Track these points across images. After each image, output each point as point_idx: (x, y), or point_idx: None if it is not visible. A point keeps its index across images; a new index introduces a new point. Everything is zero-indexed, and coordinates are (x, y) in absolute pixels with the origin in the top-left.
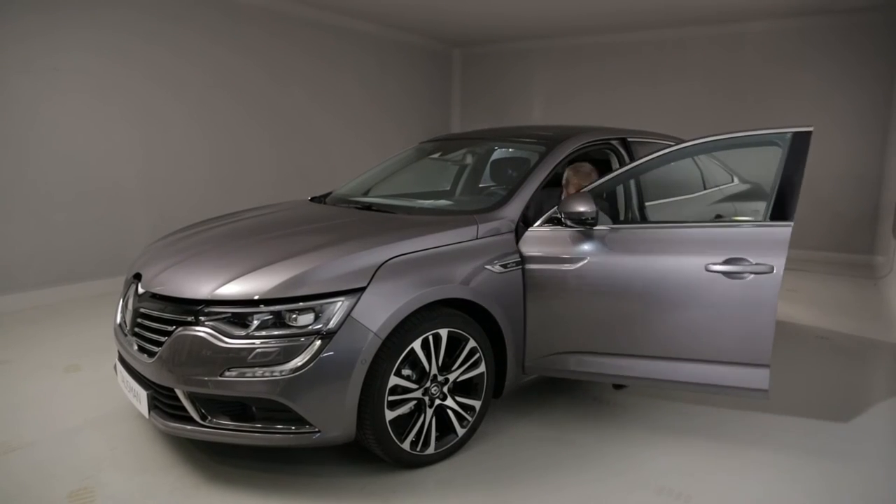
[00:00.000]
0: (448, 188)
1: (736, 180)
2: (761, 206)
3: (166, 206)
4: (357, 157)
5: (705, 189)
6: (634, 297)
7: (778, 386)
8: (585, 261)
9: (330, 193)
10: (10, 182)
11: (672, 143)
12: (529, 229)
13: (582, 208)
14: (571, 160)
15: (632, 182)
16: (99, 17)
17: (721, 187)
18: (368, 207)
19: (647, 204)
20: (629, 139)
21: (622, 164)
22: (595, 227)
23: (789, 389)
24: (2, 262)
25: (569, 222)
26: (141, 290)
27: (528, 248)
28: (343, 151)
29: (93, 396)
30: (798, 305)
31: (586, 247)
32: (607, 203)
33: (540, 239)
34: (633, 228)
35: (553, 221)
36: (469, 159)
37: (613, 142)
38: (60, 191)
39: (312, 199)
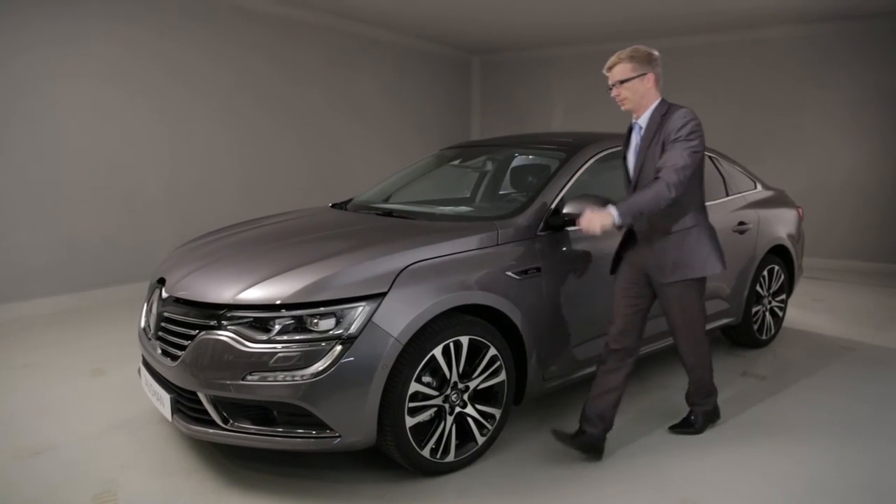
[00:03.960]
0: (468, 195)
1: (759, 187)
2: None
3: (189, 213)
4: (378, 164)
5: (728, 195)
6: None
7: (803, 398)
8: (588, 257)
9: (351, 200)
10: (37, 189)
11: None
12: (537, 235)
13: (572, 210)
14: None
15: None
16: (126, 23)
17: (744, 193)
18: (389, 214)
19: None
20: None
21: None
22: None
23: (815, 402)
24: (30, 267)
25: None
26: (165, 295)
27: (541, 252)
28: (364, 159)
29: (117, 400)
30: (823, 315)
31: (588, 243)
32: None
33: (549, 242)
34: None
35: (556, 226)
36: (489, 166)
37: None
38: (86, 197)
39: (333, 206)
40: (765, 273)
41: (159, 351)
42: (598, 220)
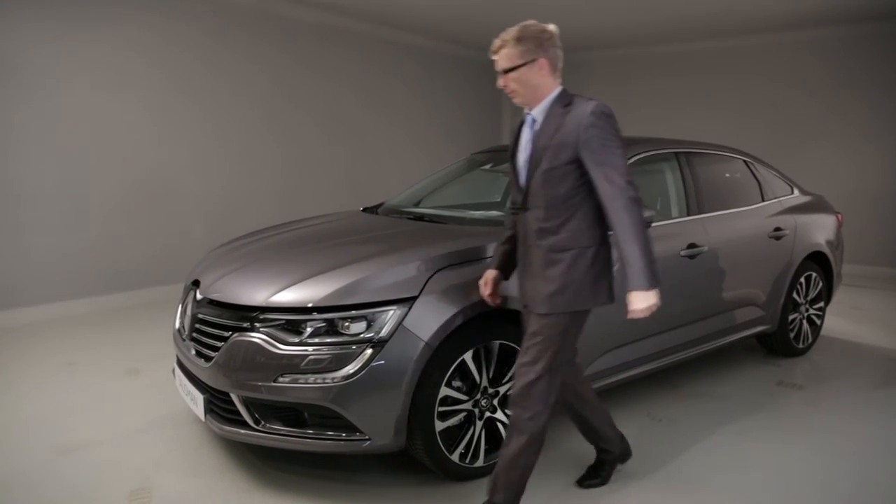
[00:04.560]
0: (499, 199)
1: (796, 192)
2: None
3: (224, 215)
4: (409, 167)
5: (763, 200)
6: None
7: (841, 408)
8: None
9: (382, 204)
10: (77, 191)
11: (731, 155)
12: None
13: None
14: None
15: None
16: (165, 25)
17: (780, 199)
18: (420, 218)
19: (704, 216)
20: (685, 151)
21: (678, 175)
22: None
23: (854, 413)
24: (70, 269)
25: None
26: (199, 297)
27: None
28: (396, 162)
29: (152, 399)
30: (862, 324)
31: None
32: None
33: None
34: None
35: None
36: None
37: (669, 153)
38: (124, 200)
39: (365, 210)
40: (802, 280)
41: (193, 352)
42: (644, 308)
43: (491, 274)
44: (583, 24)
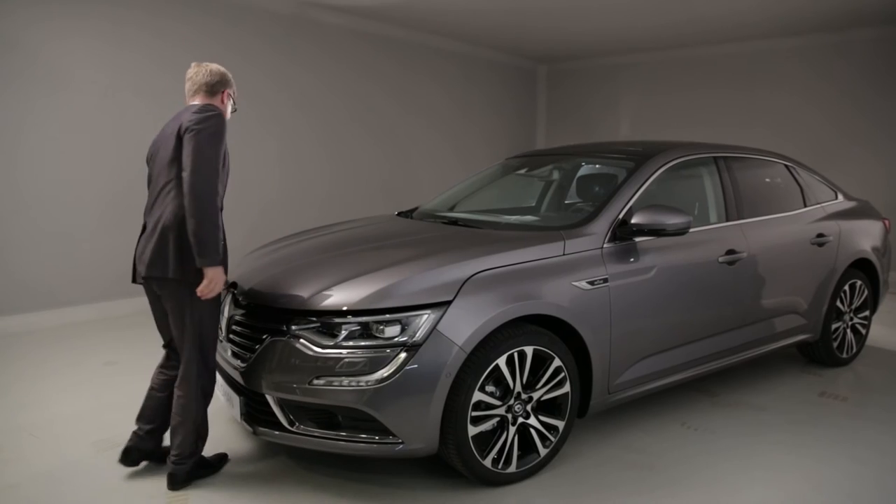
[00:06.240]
0: (534, 204)
1: (840, 197)
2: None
3: (260, 220)
4: (444, 171)
5: (805, 206)
6: (689, 290)
7: (888, 421)
8: (657, 268)
9: (417, 208)
10: (119, 197)
11: (771, 159)
12: (604, 245)
13: (640, 220)
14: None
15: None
16: (214, 35)
17: (823, 204)
18: (454, 222)
19: (743, 222)
20: (723, 155)
21: (717, 180)
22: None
23: None
24: (112, 270)
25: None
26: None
27: (608, 263)
28: (431, 166)
29: None
30: None
31: (656, 255)
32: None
33: (616, 253)
34: (690, 233)
35: (623, 236)
36: (555, 175)
37: (707, 158)
38: None
39: (399, 214)
40: (846, 288)
41: (230, 353)
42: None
43: None
44: (613, 26)
